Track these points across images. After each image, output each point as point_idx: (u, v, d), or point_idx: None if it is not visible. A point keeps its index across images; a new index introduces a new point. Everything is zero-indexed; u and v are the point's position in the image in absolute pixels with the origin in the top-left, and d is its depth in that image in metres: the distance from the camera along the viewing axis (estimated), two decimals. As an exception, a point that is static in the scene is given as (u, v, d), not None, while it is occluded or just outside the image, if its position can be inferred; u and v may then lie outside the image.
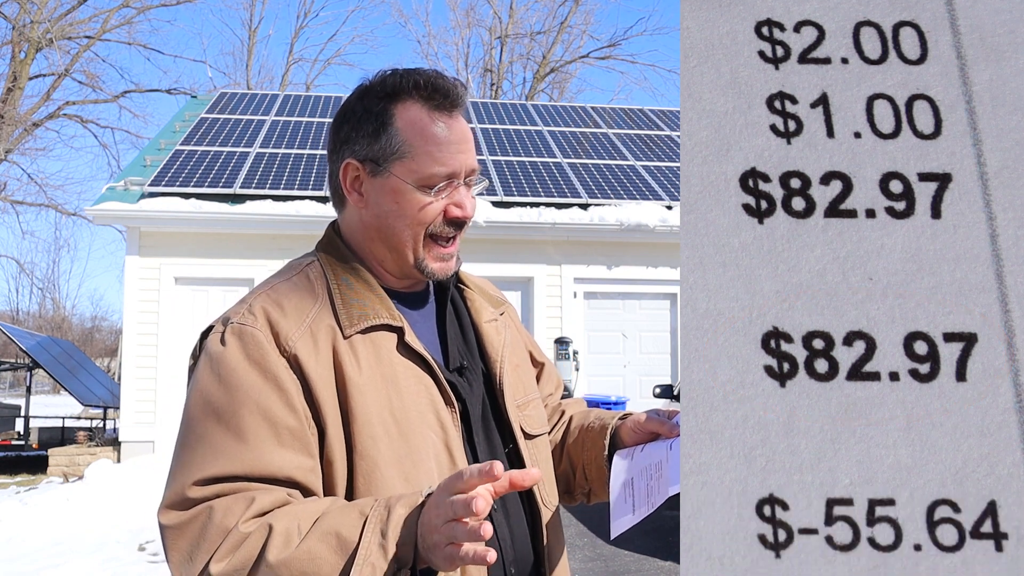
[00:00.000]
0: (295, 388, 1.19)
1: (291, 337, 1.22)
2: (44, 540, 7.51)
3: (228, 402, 1.18)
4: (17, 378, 35.85)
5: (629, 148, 14.79)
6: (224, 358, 1.20)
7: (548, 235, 11.88)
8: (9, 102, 26.09)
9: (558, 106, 17.50)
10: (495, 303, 1.51)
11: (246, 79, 32.26)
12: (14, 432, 16.44)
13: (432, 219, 1.30)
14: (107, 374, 21.53)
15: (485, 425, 1.36)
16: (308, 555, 1.06)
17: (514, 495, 1.35)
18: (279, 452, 1.16)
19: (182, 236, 11.67)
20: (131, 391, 11.46)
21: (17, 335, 15.43)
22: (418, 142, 1.28)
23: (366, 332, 1.27)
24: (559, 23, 31.76)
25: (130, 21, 28.64)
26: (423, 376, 1.28)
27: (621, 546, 7.16)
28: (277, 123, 14.81)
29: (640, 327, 12.56)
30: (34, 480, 11.80)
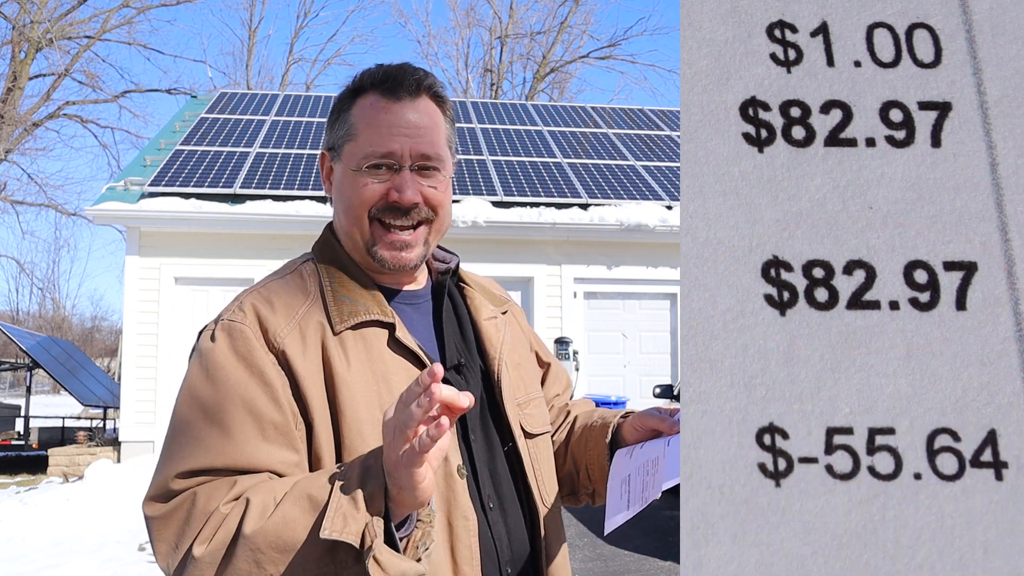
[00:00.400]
0: (281, 383, 1.21)
1: (279, 333, 1.24)
2: (44, 540, 7.50)
3: (214, 397, 1.20)
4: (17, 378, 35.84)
5: (629, 148, 14.80)
6: (212, 354, 1.23)
7: (548, 235, 11.88)
8: (9, 102, 26.11)
9: (558, 106, 17.52)
10: (497, 301, 1.50)
11: (246, 79, 32.30)
12: (14, 432, 16.42)
13: (371, 201, 1.29)
14: (107, 374, 21.52)
15: (483, 422, 1.36)
16: (282, 520, 1.08)
17: (511, 494, 1.35)
18: (263, 446, 1.18)
19: (182, 236, 11.67)
20: (131, 391, 11.46)
21: (17, 335, 15.42)
22: (362, 124, 1.30)
23: (357, 328, 1.27)
24: (559, 23, 31.82)
25: (130, 21, 28.70)
26: (415, 372, 1.27)
27: (621, 546, 7.15)
28: (277, 123, 14.82)
29: (640, 327, 12.56)
30: (34, 480, 11.80)
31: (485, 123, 15.48)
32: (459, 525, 1.24)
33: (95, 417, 17.70)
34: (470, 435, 1.32)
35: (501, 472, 1.35)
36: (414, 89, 1.31)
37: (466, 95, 31.35)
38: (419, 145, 1.29)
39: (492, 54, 32.36)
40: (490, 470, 1.34)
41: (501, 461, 1.36)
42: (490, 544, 1.29)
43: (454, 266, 1.45)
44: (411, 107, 1.30)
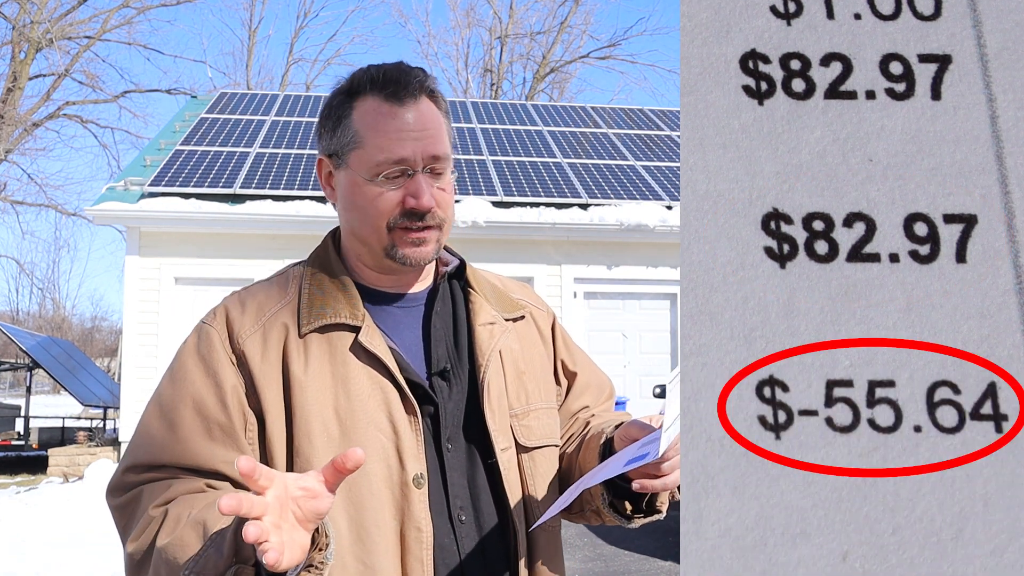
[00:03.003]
0: (233, 385, 1.24)
1: (242, 334, 1.27)
2: (44, 540, 7.49)
3: (171, 395, 1.26)
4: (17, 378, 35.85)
5: (629, 148, 14.80)
6: (179, 354, 1.31)
7: (548, 235, 11.88)
8: (9, 102, 26.13)
9: (558, 106, 17.53)
10: (510, 306, 1.45)
11: (246, 79, 32.31)
12: (14, 432, 16.44)
13: (389, 211, 1.28)
14: (107, 374, 21.52)
15: (467, 431, 1.32)
16: (180, 541, 1.09)
17: (491, 507, 1.31)
18: (207, 445, 1.21)
19: (182, 236, 11.67)
20: (131, 391, 11.45)
21: (17, 335, 15.42)
22: (368, 131, 1.29)
23: (324, 331, 1.28)
24: (559, 23, 31.84)
25: (130, 21, 28.72)
26: (377, 377, 1.26)
27: (621, 546, 7.15)
28: (277, 123, 14.83)
29: (640, 327, 12.56)
30: (34, 480, 11.79)
31: (485, 123, 15.49)
32: (411, 536, 1.22)
33: (95, 417, 17.71)
34: (444, 444, 1.29)
35: (480, 484, 1.31)
36: (416, 91, 1.30)
37: (466, 95, 31.35)
38: (428, 147, 1.29)
39: (492, 54, 32.39)
40: (468, 481, 1.31)
41: (482, 473, 1.32)
42: (453, 558, 1.26)
43: (453, 268, 1.43)
44: (415, 109, 1.29)
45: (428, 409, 1.29)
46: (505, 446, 1.33)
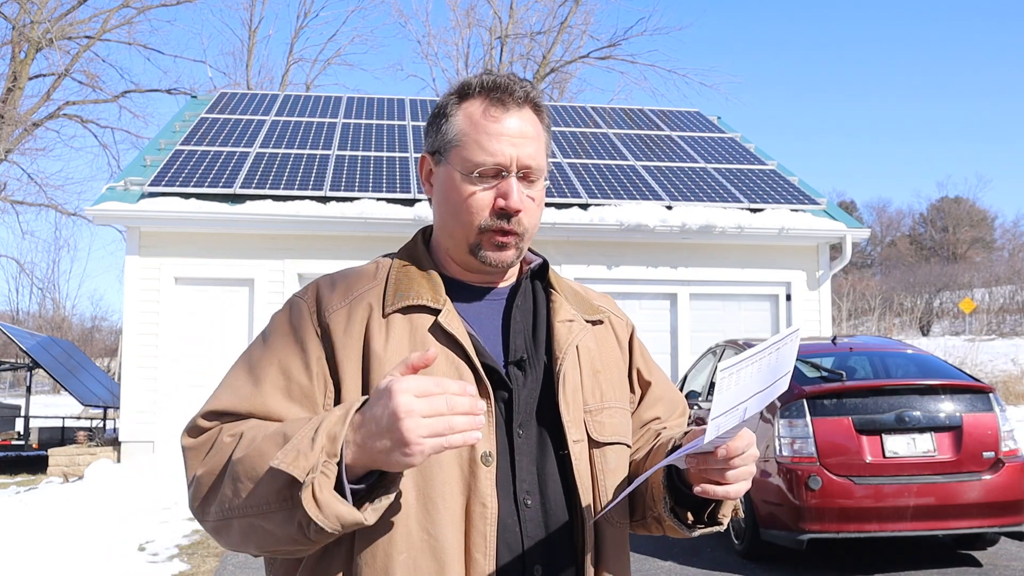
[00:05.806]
0: (318, 356, 1.32)
1: (329, 309, 1.35)
2: (44, 540, 7.49)
3: (261, 356, 1.35)
4: (17, 378, 35.86)
5: (629, 148, 14.81)
6: (273, 321, 1.40)
7: (548, 235, 11.88)
8: (9, 102, 26.14)
9: (558, 106, 17.52)
10: (591, 310, 1.50)
11: (246, 79, 32.32)
12: (14, 432, 16.45)
13: (481, 210, 1.35)
14: (107, 374, 21.56)
15: (540, 420, 1.36)
16: (258, 451, 1.17)
17: (560, 498, 1.34)
18: (284, 403, 1.29)
19: (182, 236, 11.68)
20: (131, 391, 11.47)
21: (17, 335, 15.44)
22: (470, 131, 1.36)
23: (406, 312, 1.34)
24: (559, 23, 31.81)
25: (130, 21, 28.72)
26: (454, 358, 1.31)
27: (621, 545, 7.13)
28: (277, 123, 14.83)
29: (640, 327, 12.50)
30: (34, 480, 11.80)
31: (485, 123, 15.46)
32: (476, 512, 1.26)
33: (95, 417, 17.72)
34: (515, 429, 1.33)
35: (550, 472, 1.35)
36: (521, 99, 1.38)
37: (466, 95, 31.20)
38: (524, 154, 1.36)
39: (492, 54, 32.36)
40: (538, 468, 1.34)
41: (553, 462, 1.35)
42: (515, 539, 1.29)
43: (536, 267, 1.48)
44: (517, 116, 1.37)
45: (502, 395, 1.34)
46: (577, 438, 1.36)
